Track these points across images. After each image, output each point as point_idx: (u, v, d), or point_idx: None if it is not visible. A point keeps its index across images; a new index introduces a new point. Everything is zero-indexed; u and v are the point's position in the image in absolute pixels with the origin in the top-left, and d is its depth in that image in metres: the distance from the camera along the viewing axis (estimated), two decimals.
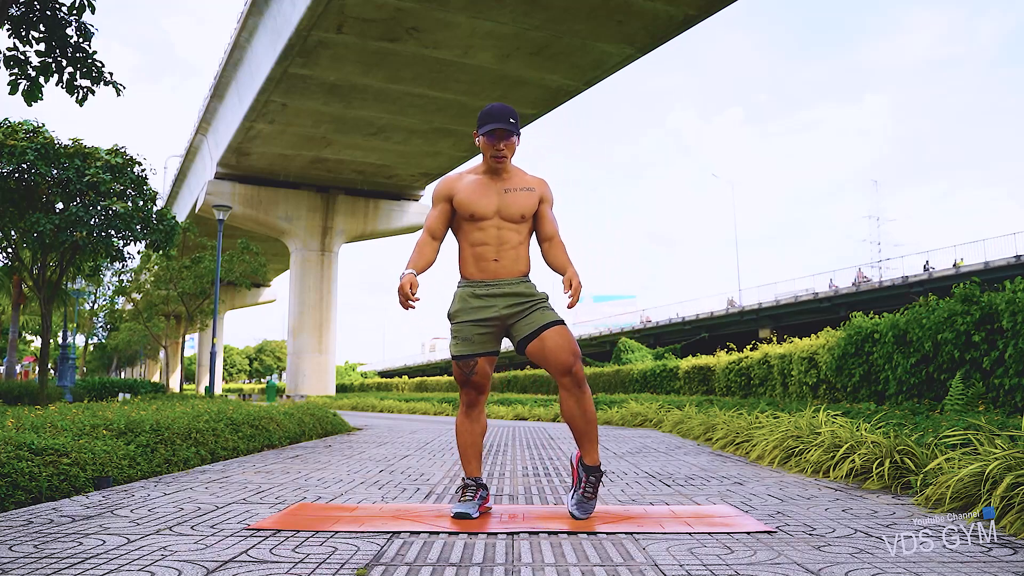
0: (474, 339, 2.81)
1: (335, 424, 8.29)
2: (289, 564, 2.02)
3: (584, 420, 2.73)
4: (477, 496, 2.78)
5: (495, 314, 2.79)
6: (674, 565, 2.03)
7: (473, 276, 2.84)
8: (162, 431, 4.56)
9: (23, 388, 12.77)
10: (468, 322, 2.81)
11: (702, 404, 10.32)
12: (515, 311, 2.79)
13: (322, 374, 31.90)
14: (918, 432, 4.16)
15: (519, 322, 2.79)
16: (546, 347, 2.71)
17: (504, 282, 2.81)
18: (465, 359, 2.81)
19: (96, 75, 7.29)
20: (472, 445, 2.87)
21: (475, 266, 2.84)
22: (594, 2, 17.50)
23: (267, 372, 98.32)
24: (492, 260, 2.82)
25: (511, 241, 2.83)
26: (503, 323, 2.81)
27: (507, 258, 2.82)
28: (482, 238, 2.82)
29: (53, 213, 11.09)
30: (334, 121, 25.44)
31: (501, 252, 2.82)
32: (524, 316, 2.79)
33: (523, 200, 2.84)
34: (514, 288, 2.81)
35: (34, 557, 2.08)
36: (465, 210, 2.83)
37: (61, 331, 23.83)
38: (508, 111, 2.81)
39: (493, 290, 2.81)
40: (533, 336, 2.74)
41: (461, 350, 2.82)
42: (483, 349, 2.81)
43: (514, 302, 2.80)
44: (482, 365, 2.81)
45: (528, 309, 2.79)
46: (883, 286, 31.65)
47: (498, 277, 2.82)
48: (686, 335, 39.87)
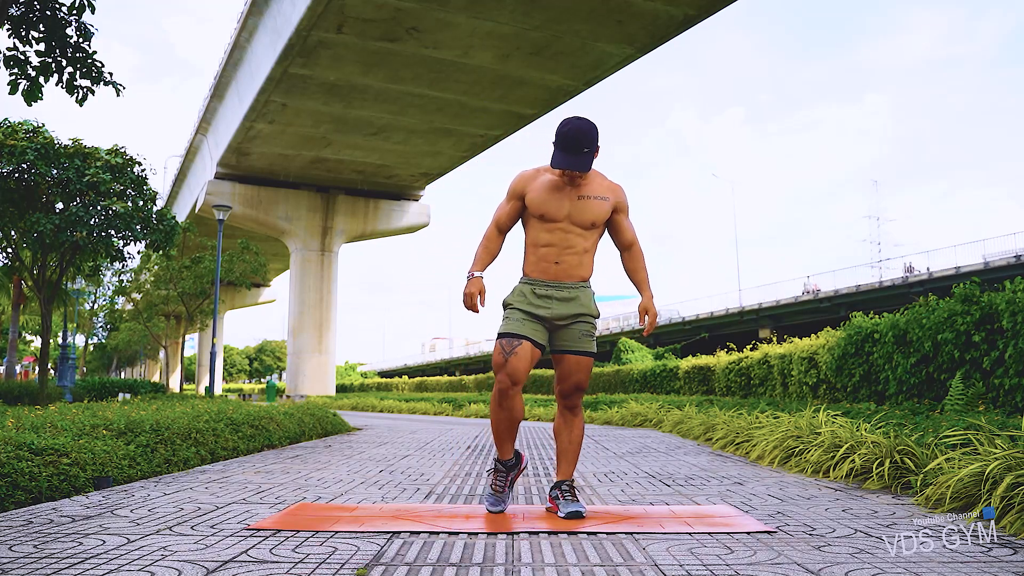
0: (526, 323, 2.80)
1: (335, 424, 8.29)
2: (289, 564, 2.02)
3: (569, 440, 2.91)
4: (508, 483, 2.88)
5: (547, 315, 2.81)
6: (674, 565, 2.03)
7: (534, 275, 2.85)
8: (162, 431, 4.55)
9: (23, 388, 12.77)
10: (522, 310, 2.82)
11: (702, 404, 10.32)
12: (564, 321, 2.83)
13: (322, 374, 31.89)
14: (918, 432, 4.16)
15: (561, 331, 2.85)
16: (562, 369, 2.87)
17: (564, 285, 2.83)
18: (511, 337, 2.77)
19: (96, 75, 7.29)
20: (507, 431, 2.84)
21: (537, 266, 2.84)
22: (594, 2, 17.49)
23: (267, 372, 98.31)
24: (553, 263, 2.82)
25: (576, 246, 2.82)
26: (552, 326, 2.84)
27: (569, 263, 2.82)
28: (548, 239, 2.82)
29: (53, 213, 11.09)
30: (334, 121, 25.44)
31: (564, 256, 2.82)
32: (567, 328, 2.84)
33: (596, 208, 2.81)
34: (571, 293, 2.83)
35: (34, 557, 2.08)
36: (536, 210, 2.82)
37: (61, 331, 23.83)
38: (583, 140, 2.67)
39: (552, 292, 2.82)
40: (561, 352, 2.86)
41: (510, 328, 2.79)
42: (532, 335, 2.79)
43: (567, 311, 2.82)
44: (526, 348, 2.76)
45: (573, 324, 2.84)
46: (883, 286, 31.64)
47: (558, 279, 2.83)
48: (686, 335, 39.87)
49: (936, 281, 28.14)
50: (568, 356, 2.83)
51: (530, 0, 17.54)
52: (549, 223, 2.81)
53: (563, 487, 2.83)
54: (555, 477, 2.92)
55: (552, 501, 2.86)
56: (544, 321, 2.82)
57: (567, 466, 2.89)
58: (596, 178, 2.85)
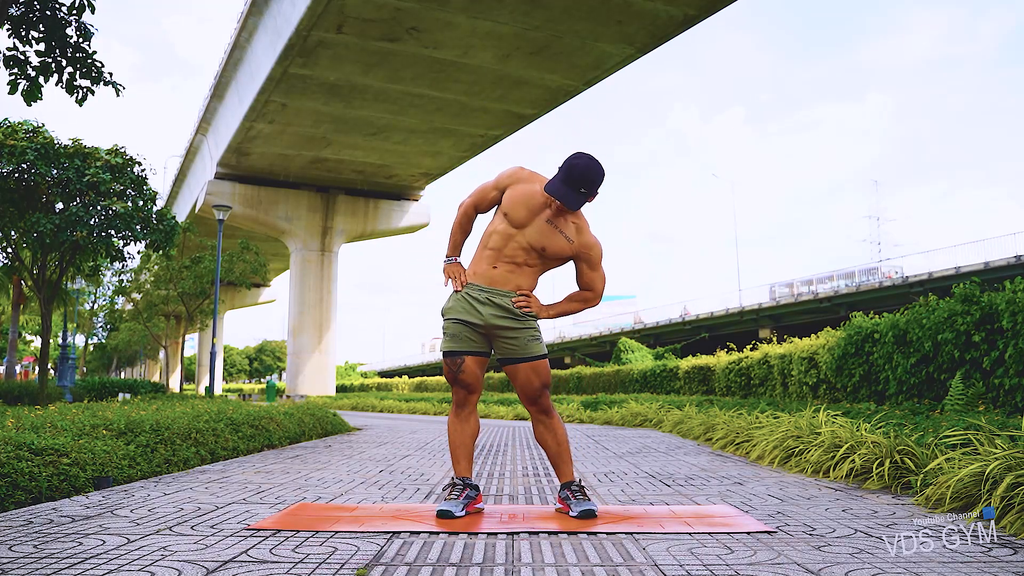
0: (462, 337, 2.83)
1: (335, 424, 8.29)
2: (289, 564, 2.02)
3: (556, 443, 2.89)
4: (463, 495, 2.77)
5: (482, 321, 2.81)
6: (674, 565, 2.03)
7: (473, 278, 2.86)
8: (162, 431, 4.55)
9: (23, 388, 12.77)
10: (457, 320, 2.83)
11: (702, 404, 10.32)
12: (502, 328, 2.81)
13: (322, 374, 31.88)
14: (918, 432, 4.16)
15: (503, 342, 2.83)
16: (520, 379, 2.85)
17: (497, 292, 2.82)
18: (453, 356, 2.83)
19: (96, 75, 7.28)
20: (462, 445, 2.87)
21: (478, 266, 2.86)
22: (594, 2, 17.49)
23: (267, 372, 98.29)
24: (491, 267, 2.82)
25: (518, 258, 2.81)
26: (491, 332, 2.83)
27: (506, 269, 2.82)
28: (497, 242, 2.82)
29: (53, 213, 11.08)
30: (334, 121, 25.43)
31: (501, 263, 2.82)
32: (509, 339, 2.82)
33: (555, 241, 2.79)
34: (504, 301, 2.81)
35: (34, 557, 2.08)
36: (506, 206, 2.82)
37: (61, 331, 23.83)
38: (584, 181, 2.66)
39: (488, 296, 2.82)
40: (513, 362, 2.84)
41: (450, 346, 2.84)
42: (471, 348, 2.82)
43: (502, 315, 2.81)
44: (470, 364, 2.82)
45: (515, 332, 2.81)
46: (883, 286, 31.64)
47: (493, 285, 2.82)
48: (686, 335, 39.86)
49: (936, 281, 28.13)
50: (521, 365, 2.83)
51: (530, 0, 17.54)
52: (509, 225, 2.80)
53: (573, 488, 2.81)
54: (555, 477, 2.92)
55: (562, 502, 2.84)
56: (480, 327, 2.82)
57: (566, 467, 2.88)
58: (578, 221, 2.82)
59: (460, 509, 2.70)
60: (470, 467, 2.87)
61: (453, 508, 2.68)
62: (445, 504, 2.71)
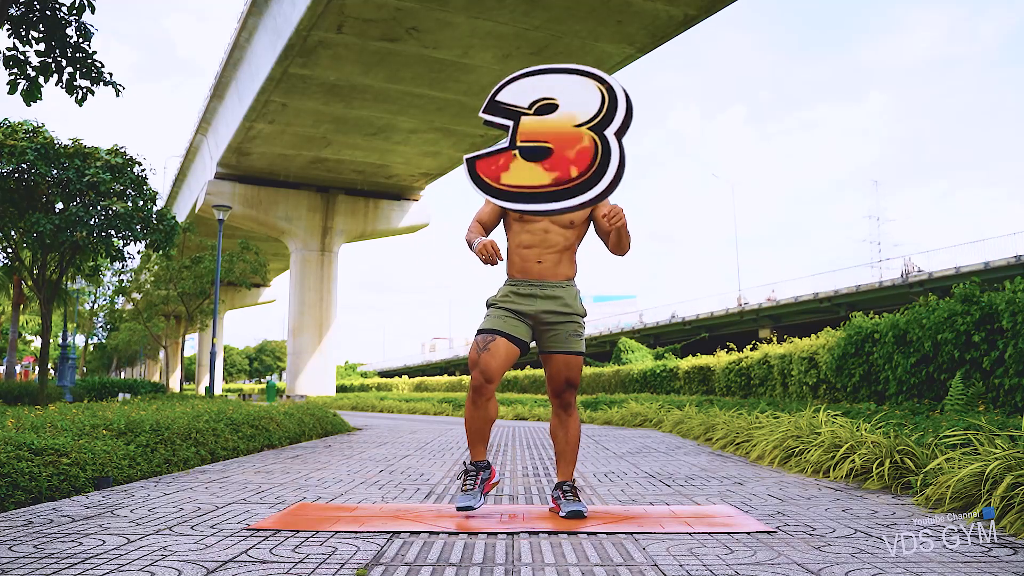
0: (506, 320, 2.82)
1: (335, 424, 8.29)
2: (289, 564, 2.02)
3: (566, 441, 2.90)
4: (478, 483, 2.80)
5: (532, 312, 2.83)
6: (674, 565, 2.03)
7: (516, 275, 2.88)
8: (162, 431, 4.55)
9: (23, 388, 12.76)
10: (505, 307, 2.84)
11: (702, 404, 10.32)
12: (549, 319, 2.83)
13: (322, 374, 31.87)
14: (918, 432, 4.16)
15: (547, 332, 2.85)
16: (552, 369, 2.87)
17: (548, 284, 2.84)
18: (486, 333, 2.80)
19: (96, 75, 7.28)
20: (479, 431, 2.85)
21: (520, 267, 2.87)
22: (594, 2, 17.49)
23: (267, 372, 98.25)
24: (536, 262, 2.85)
25: (557, 245, 2.85)
26: (537, 323, 2.85)
27: (551, 260, 2.85)
28: (529, 240, 2.85)
29: (53, 213, 11.08)
30: (334, 121, 25.43)
31: (545, 255, 2.84)
32: (552, 329, 2.84)
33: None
34: (556, 292, 2.84)
35: (34, 557, 2.08)
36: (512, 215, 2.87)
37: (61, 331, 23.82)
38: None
39: (536, 291, 2.83)
40: (550, 352, 2.86)
41: (487, 324, 2.83)
42: (510, 331, 2.80)
43: (552, 308, 2.83)
44: (500, 345, 2.77)
45: (559, 324, 2.84)
46: (883, 286, 31.62)
47: (542, 279, 2.85)
48: (686, 335, 39.85)
49: (936, 281, 28.11)
50: (556, 356, 2.85)
51: (530, 0, 17.54)
52: (528, 223, 2.84)
53: (564, 487, 2.85)
54: (555, 477, 2.93)
55: (555, 502, 2.87)
56: (527, 317, 2.83)
57: (566, 466, 2.90)
58: None
59: (478, 500, 2.75)
60: (485, 449, 2.89)
61: (471, 502, 2.73)
62: (463, 499, 2.75)
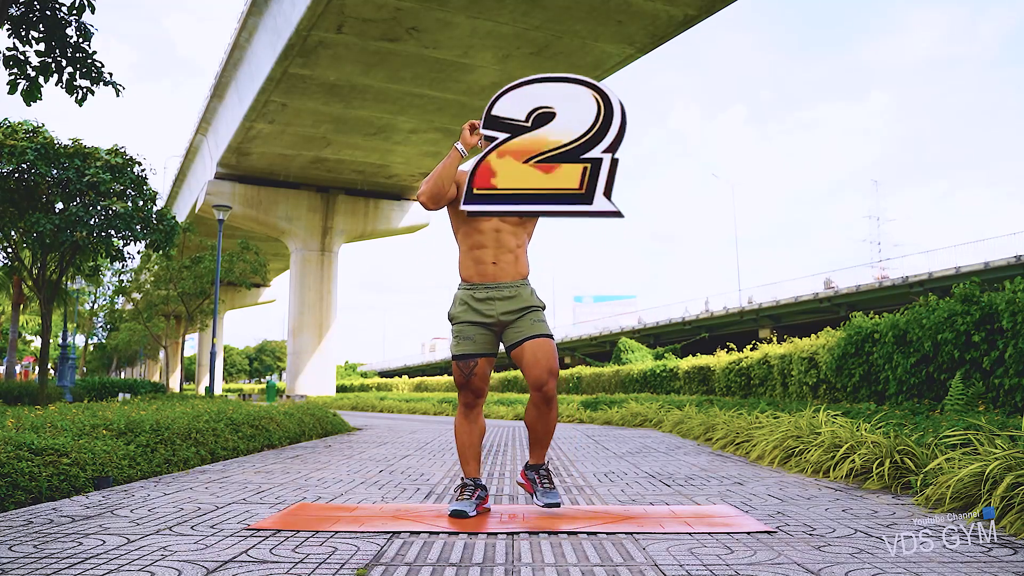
0: (475, 338, 2.83)
1: (335, 424, 8.29)
2: (289, 564, 2.02)
3: (544, 431, 2.87)
4: (475, 496, 2.80)
5: (493, 318, 2.82)
6: (674, 565, 2.03)
7: (472, 279, 2.87)
8: (162, 431, 4.55)
9: (23, 388, 12.76)
10: (468, 323, 2.84)
11: (702, 404, 10.32)
12: (512, 317, 2.82)
13: (322, 374, 31.87)
14: (918, 432, 4.16)
15: (512, 325, 2.83)
16: (525, 358, 2.77)
17: (504, 285, 2.83)
18: (466, 359, 2.83)
19: (96, 75, 7.28)
20: (471, 446, 2.88)
21: (474, 269, 2.86)
22: (594, 2, 17.49)
23: (267, 372, 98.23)
24: (491, 263, 2.84)
25: (508, 244, 2.85)
26: (501, 326, 2.84)
27: (505, 260, 2.84)
28: (480, 241, 2.85)
29: (53, 213, 11.08)
30: (334, 121, 25.43)
31: (500, 255, 2.84)
32: (515, 324, 2.82)
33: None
34: (513, 291, 2.83)
35: (34, 557, 2.08)
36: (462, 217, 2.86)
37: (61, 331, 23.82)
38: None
39: (492, 293, 2.82)
40: (519, 342, 2.79)
41: (462, 349, 2.84)
42: (483, 349, 2.84)
43: (512, 307, 2.82)
44: (482, 366, 2.84)
45: (520, 317, 2.82)
46: (883, 286, 31.62)
47: (497, 280, 2.84)
48: (686, 335, 39.85)
49: (936, 281, 28.11)
50: (528, 343, 2.77)
51: (530, 0, 17.54)
52: (478, 223, 2.84)
53: (541, 472, 2.86)
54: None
55: (526, 479, 2.87)
56: (491, 325, 2.83)
57: (541, 451, 2.90)
58: None
59: (472, 509, 2.74)
60: (479, 467, 2.89)
61: (466, 508, 2.72)
62: (458, 504, 2.74)
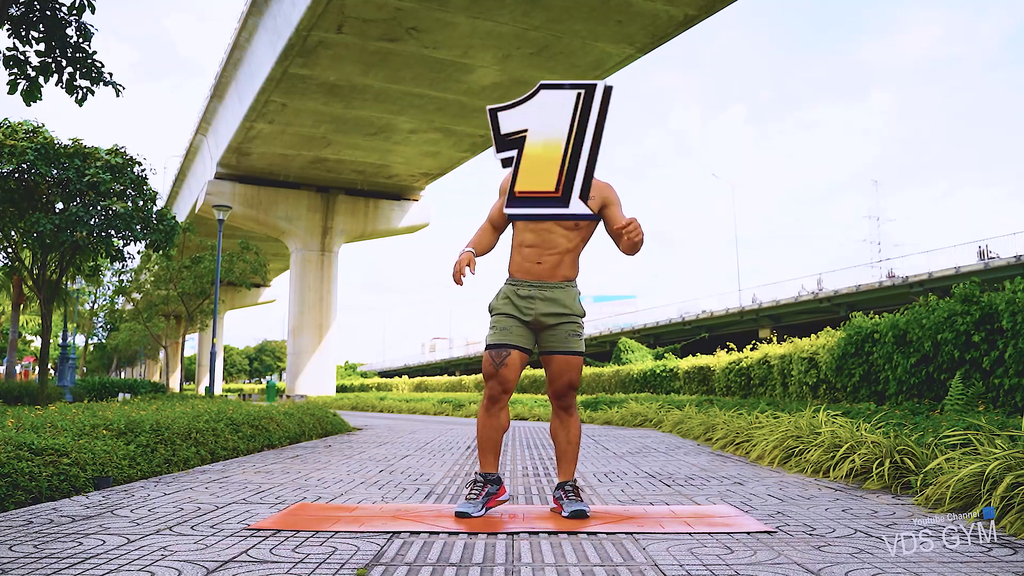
0: (512, 330, 2.84)
1: (335, 424, 8.29)
2: (289, 564, 2.02)
3: (567, 441, 2.91)
4: (483, 494, 2.80)
5: (532, 316, 2.84)
6: (674, 565, 2.03)
7: (517, 275, 2.89)
8: (162, 431, 4.55)
9: (23, 388, 12.76)
10: (506, 315, 2.85)
11: (702, 404, 10.32)
12: (549, 321, 2.84)
13: (322, 374, 31.88)
14: (918, 432, 4.16)
15: (547, 333, 2.86)
16: (552, 369, 2.87)
17: (547, 285, 2.85)
18: (499, 348, 2.83)
19: (96, 75, 7.28)
20: (490, 440, 2.87)
21: (520, 266, 2.88)
22: (594, 2, 17.49)
23: (267, 372, 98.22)
24: (536, 263, 2.85)
25: (559, 246, 2.85)
26: (536, 325, 2.86)
27: (550, 262, 2.85)
28: (531, 240, 2.86)
29: (53, 213, 11.08)
30: (334, 121, 25.43)
31: (545, 256, 2.85)
32: (552, 330, 2.85)
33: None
34: (554, 293, 2.84)
35: (34, 557, 2.08)
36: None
37: (61, 331, 23.82)
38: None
39: (535, 292, 2.84)
40: (550, 353, 2.86)
41: (497, 338, 2.84)
42: (518, 342, 2.84)
43: (551, 309, 2.83)
44: (514, 358, 2.83)
45: (558, 324, 2.84)
46: (883, 286, 31.62)
47: (540, 279, 2.85)
48: (686, 335, 39.84)
49: (936, 281, 28.10)
50: (557, 356, 2.85)
51: (530, 0, 17.54)
52: (532, 223, 2.85)
53: (566, 488, 2.85)
54: (555, 477, 2.93)
55: (556, 502, 2.88)
56: (529, 324, 2.85)
57: (568, 466, 2.91)
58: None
59: (478, 510, 2.74)
60: (496, 462, 2.89)
61: (471, 510, 2.72)
62: (463, 505, 2.75)
